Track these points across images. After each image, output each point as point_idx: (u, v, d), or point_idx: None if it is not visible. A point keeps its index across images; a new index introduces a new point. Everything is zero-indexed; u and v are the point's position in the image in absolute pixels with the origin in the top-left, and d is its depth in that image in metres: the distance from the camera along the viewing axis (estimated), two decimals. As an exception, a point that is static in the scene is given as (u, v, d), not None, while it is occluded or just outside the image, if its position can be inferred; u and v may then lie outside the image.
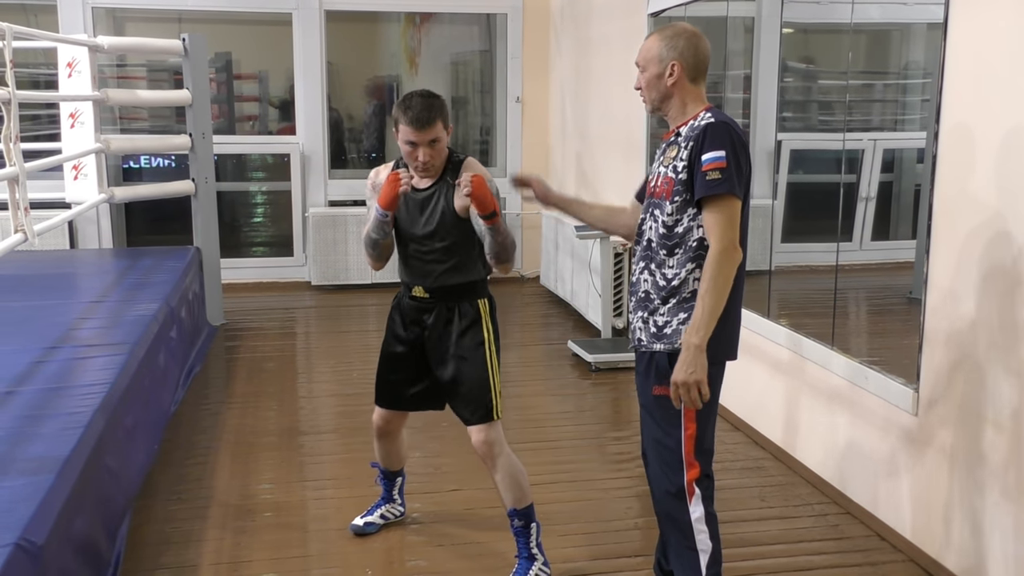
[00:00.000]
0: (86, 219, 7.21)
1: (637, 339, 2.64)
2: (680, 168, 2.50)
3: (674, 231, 2.52)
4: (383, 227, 2.99)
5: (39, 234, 3.79)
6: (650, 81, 2.58)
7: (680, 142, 2.53)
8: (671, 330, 2.54)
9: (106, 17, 7.54)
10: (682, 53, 2.54)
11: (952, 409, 3.09)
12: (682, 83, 2.55)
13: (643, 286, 2.61)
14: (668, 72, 2.53)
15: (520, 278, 8.00)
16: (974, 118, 2.95)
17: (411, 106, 2.85)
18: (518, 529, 3.08)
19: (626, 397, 5.15)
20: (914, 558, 3.28)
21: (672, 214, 2.52)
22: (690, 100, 2.57)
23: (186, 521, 3.55)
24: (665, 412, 2.57)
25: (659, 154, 2.64)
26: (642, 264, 2.63)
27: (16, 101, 3.55)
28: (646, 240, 2.61)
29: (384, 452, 3.41)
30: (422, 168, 2.93)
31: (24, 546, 2.21)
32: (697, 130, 2.49)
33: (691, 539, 2.58)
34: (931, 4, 3.21)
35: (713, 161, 2.42)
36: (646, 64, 2.58)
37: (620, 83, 6.19)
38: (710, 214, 2.44)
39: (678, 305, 2.54)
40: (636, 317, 2.65)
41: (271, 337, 6.32)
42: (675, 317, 2.54)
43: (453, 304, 3.06)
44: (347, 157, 8.67)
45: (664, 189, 2.54)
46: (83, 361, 3.67)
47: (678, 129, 2.57)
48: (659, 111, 2.63)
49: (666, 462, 2.60)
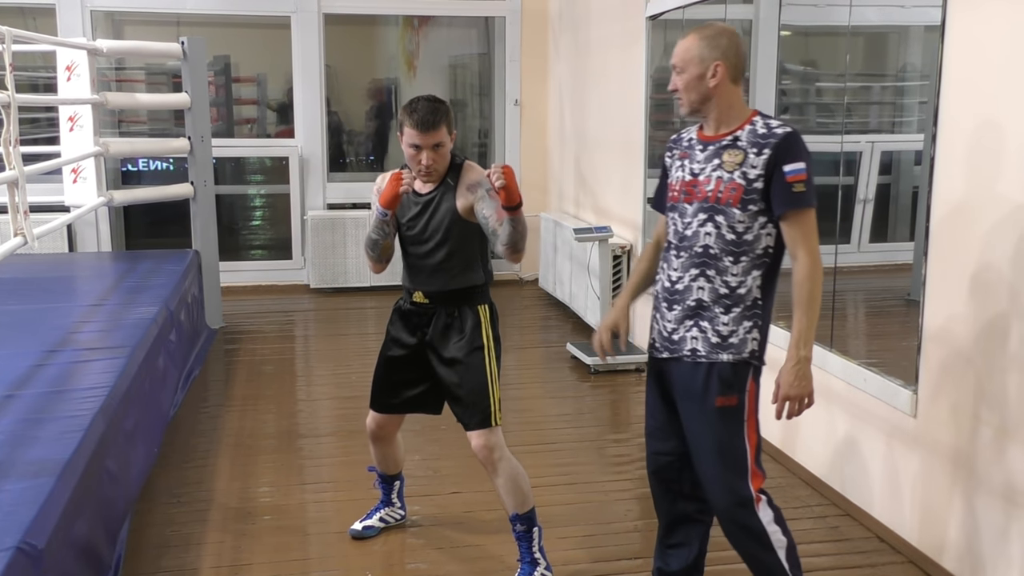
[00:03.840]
0: (85, 222, 7.21)
1: (689, 349, 2.54)
2: (753, 176, 2.43)
3: (743, 238, 2.47)
4: (383, 227, 2.99)
5: (38, 237, 3.78)
6: (689, 83, 2.49)
7: (744, 147, 2.46)
8: (737, 339, 2.49)
9: (105, 20, 7.55)
10: (725, 53, 2.46)
11: (951, 411, 3.09)
12: (725, 84, 2.47)
13: (695, 294, 2.52)
14: (711, 73, 2.45)
15: (519, 280, 8.01)
16: (972, 120, 2.96)
17: (416, 109, 2.86)
18: (520, 534, 3.08)
19: (625, 399, 5.16)
20: (913, 559, 3.28)
21: (743, 222, 2.45)
22: (735, 102, 2.51)
23: (186, 524, 3.55)
24: (728, 422, 2.51)
25: (700, 157, 2.54)
26: (694, 271, 2.52)
27: (16, 104, 3.55)
28: (700, 247, 2.51)
29: (380, 456, 3.40)
30: (425, 172, 2.93)
31: (25, 549, 2.21)
32: (771, 138, 2.43)
33: (768, 542, 2.54)
34: (928, 6, 3.22)
35: (797, 173, 2.39)
36: (685, 65, 2.49)
37: (618, 86, 6.20)
38: (796, 227, 2.41)
39: (742, 313, 2.49)
40: (680, 326, 2.55)
41: (270, 340, 6.32)
42: (740, 326, 2.49)
43: (453, 309, 3.06)
44: (346, 160, 8.68)
45: (732, 196, 2.45)
46: (83, 364, 3.67)
47: (734, 133, 2.49)
48: (698, 113, 2.54)
49: (732, 472, 2.53)
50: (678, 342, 2.56)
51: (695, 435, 2.59)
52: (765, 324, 2.54)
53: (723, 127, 2.51)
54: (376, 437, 3.33)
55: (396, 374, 3.19)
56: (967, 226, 2.99)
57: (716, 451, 2.55)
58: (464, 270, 3.03)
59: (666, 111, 5.95)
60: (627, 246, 6.04)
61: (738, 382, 2.50)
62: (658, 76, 5.78)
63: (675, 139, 2.71)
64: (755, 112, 2.52)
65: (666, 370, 2.64)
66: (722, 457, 2.54)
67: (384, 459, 3.42)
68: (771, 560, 2.56)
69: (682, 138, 2.67)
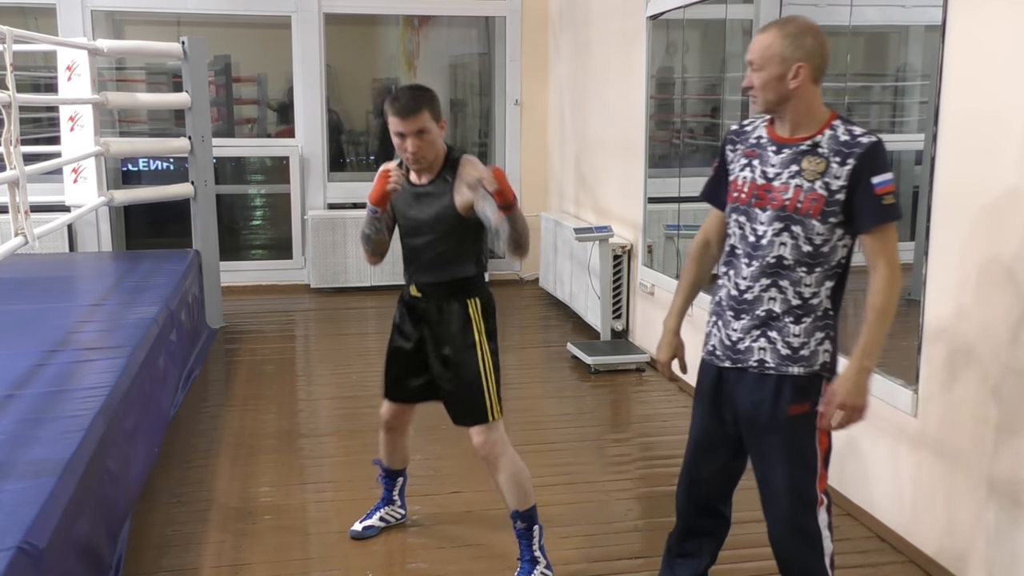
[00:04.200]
0: (86, 222, 7.21)
1: (756, 360, 2.45)
2: (836, 187, 2.32)
3: (820, 250, 2.37)
4: (374, 223, 3.03)
5: (39, 237, 3.79)
6: (768, 82, 2.34)
7: (825, 155, 2.33)
8: (808, 351, 2.41)
9: (105, 20, 7.54)
10: (809, 53, 2.32)
11: (951, 410, 3.09)
12: (806, 85, 2.33)
13: (766, 304, 2.43)
14: (792, 74, 2.31)
15: (519, 280, 8.01)
16: (972, 120, 2.96)
17: (398, 97, 2.88)
18: (520, 531, 3.08)
19: (625, 400, 5.16)
20: (913, 559, 3.28)
21: (822, 234, 2.35)
22: (816, 104, 2.37)
23: (186, 524, 3.55)
24: (803, 429, 2.45)
25: (774, 160, 2.41)
26: (766, 281, 2.42)
27: (16, 104, 3.55)
28: (774, 256, 2.40)
29: (390, 447, 3.41)
30: (412, 160, 2.92)
31: (26, 549, 2.21)
32: (856, 147, 2.31)
33: (820, 547, 2.51)
34: (929, 6, 3.22)
35: (886, 185, 2.29)
36: (764, 63, 2.34)
37: (619, 85, 6.20)
38: (882, 240, 2.32)
39: (813, 324, 2.41)
40: (747, 335, 2.46)
41: (270, 340, 6.33)
42: (811, 337, 2.41)
43: (442, 303, 3.06)
44: (346, 160, 8.68)
45: (812, 207, 2.33)
46: (83, 364, 3.67)
47: (812, 138, 2.36)
48: (773, 113, 2.41)
49: (801, 475, 2.48)
50: (744, 352, 2.47)
51: (763, 444, 2.51)
52: (836, 334, 2.46)
53: (800, 130, 2.38)
54: (390, 427, 3.34)
55: (401, 364, 3.21)
56: (967, 226, 2.99)
57: (787, 457, 2.48)
58: (453, 263, 3.02)
59: (667, 111, 5.95)
60: (627, 246, 6.04)
61: (812, 390, 2.44)
62: (659, 76, 5.79)
63: (738, 132, 2.56)
64: (834, 115, 2.38)
65: (726, 379, 2.54)
66: (792, 462, 2.47)
67: (393, 451, 3.42)
68: (818, 567, 2.52)
69: (747, 132, 2.52)
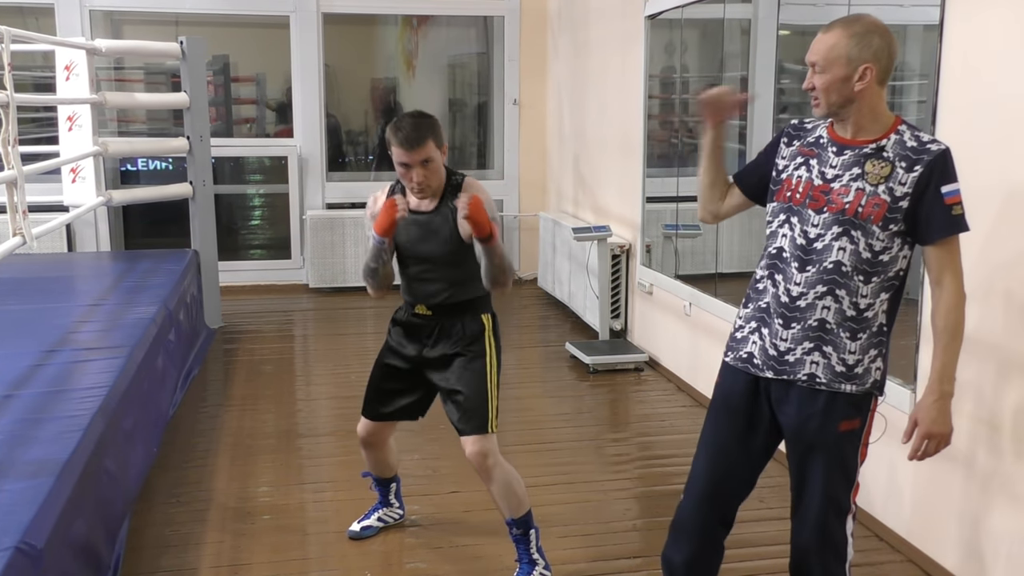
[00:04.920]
0: (84, 222, 7.20)
1: (807, 374, 2.34)
2: (900, 194, 2.22)
3: (879, 258, 2.27)
4: (380, 255, 2.95)
5: (37, 237, 3.78)
6: (831, 84, 2.24)
7: (892, 159, 2.24)
8: (862, 369, 2.33)
9: (103, 20, 7.54)
10: (876, 54, 2.22)
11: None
12: (872, 88, 2.23)
13: (819, 313, 2.31)
14: (859, 76, 2.21)
15: (518, 280, 8.00)
16: (970, 120, 2.96)
17: (401, 127, 2.85)
18: (517, 537, 3.08)
19: (624, 399, 5.16)
20: (912, 558, 3.28)
21: (883, 241, 2.25)
22: (880, 107, 2.28)
23: (185, 524, 3.55)
24: (851, 445, 2.39)
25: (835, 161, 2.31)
26: (821, 288, 2.30)
27: (14, 104, 3.55)
28: (831, 262, 2.29)
29: (373, 462, 3.40)
30: (418, 189, 2.91)
31: (24, 549, 2.21)
32: (924, 154, 2.22)
33: (844, 554, 2.46)
34: (927, 6, 3.22)
35: (955, 195, 2.21)
36: (828, 65, 2.24)
37: (617, 85, 6.20)
38: (949, 252, 2.24)
39: (868, 340, 2.32)
40: (799, 346, 2.34)
41: (269, 340, 6.32)
42: (866, 355, 2.32)
43: (456, 320, 3.05)
44: (345, 160, 8.68)
45: (874, 212, 2.23)
46: (82, 364, 3.67)
47: (877, 141, 2.27)
48: (836, 116, 2.31)
49: (840, 486, 2.42)
50: (793, 364, 2.35)
51: (807, 457, 2.42)
52: (887, 352, 2.39)
53: (864, 133, 2.29)
54: (367, 444, 3.31)
55: (391, 383, 3.17)
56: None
57: (830, 469, 2.40)
58: (466, 285, 3.00)
59: (666, 110, 5.96)
60: (626, 245, 6.04)
61: (863, 407, 2.37)
62: (658, 75, 5.78)
63: (799, 127, 2.47)
64: (899, 119, 2.29)
65: (766, 390, 2.44)
66: (835, 475, 2.40)
67: (377, 464, 3.41)
68: (839, 573, 2.47)
69: (807, 130, 2.44)
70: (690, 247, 5.58)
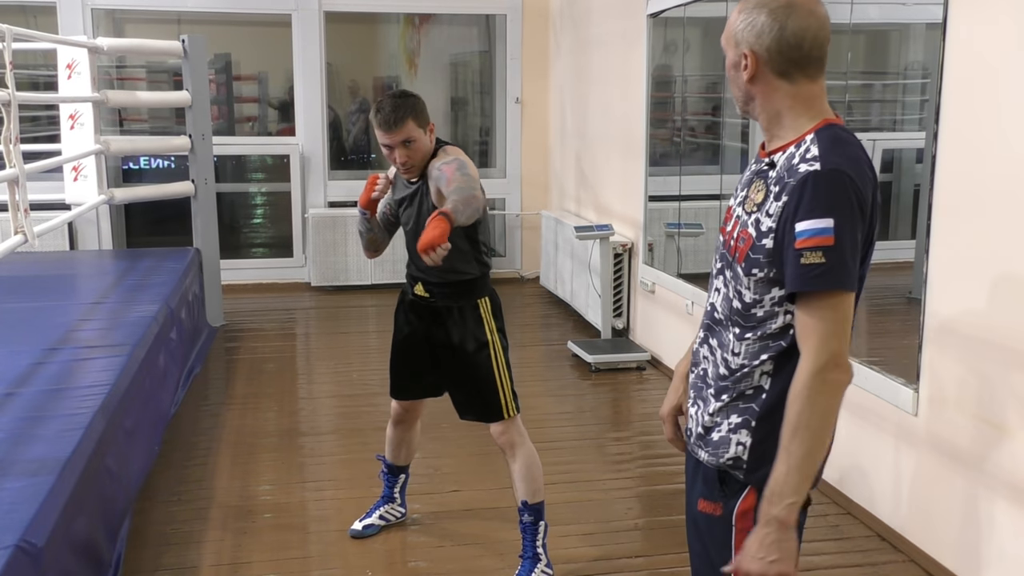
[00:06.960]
0: (86, 220, 7.20)
1: (687, 428, 1.93)
2: (765, 228, 1.66)
3: (751, 311, 1.73)
4: (365, 223, 3.14)
5: (39, 235, 3.79)
6: (729, 72, 1.77)
7: (770, 183, 1.68)
8: (718, 437, 1.79)
9: (106, 18, 7.54)
10: (759, 37, 1.67)
11: (951, 409, 3.09)
12: (764, 79, 1.69)
13: (702, 363, 1.86)
14: (743, 65, 1.71)
15: (520, 278, 8.00)
16: (973, 118, 2.96)
17: (381, 108, 2.91)
18: (527, 524, 3.09)
19: (626, 398, 5.16)
20: (914, 558, 3.28)
21: (750, 289, 1.71)
22: (785, 108, 1.70)
23: (186, 522, 3.55)
24: (710, 533, 1.84)
25: (746, 180, 1.80)
26: (703, 334, 1.87)
27: (16, 103, 3.55)
28: (708, 304, 1.85)
29: (397, 441, 3.42)
30: (403, 170, 2.99)
31: (25, 548, 2.21)
32: (794, 178, 1.63)
33: None
34: (930, 4, 3.21)
35: (810, 236, 1.58)
36: (725, 47, 1.76)
37: (619, 83, 6.19)
38: (806, 314, 1.63)
39: (732, 403, 1.77)
40: (690, 399, 1.91)
41: (271, 338, 6.32)
42: (725, 420, 1.78)
43: (452, 305, 3.07)
44: (347, 158, 8.68)
45: (739, 249, 1.73)
46: (83, 362, 3.67)
47: (773, 155, 1.72)
48: (748, 115, 1.80)
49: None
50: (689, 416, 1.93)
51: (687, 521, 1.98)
52: (767, 429, 1.73)
53: (775, 141, 1.74)
54: (399, 420, 3.37)
55: (409, 360, 3.23)
56: (968, 224, 2.99)
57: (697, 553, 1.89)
58: (456, 261, 3.00)
59: (667, 109, 5.95)
60: (628, 244, 6.03)
61: (726, 491, 1.80)
62: (658, 74, 5.78)
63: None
64: (824, 122, 1.69)
65: None
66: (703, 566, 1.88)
67: (399, 445, 3.44)
68: None
69: None
70: (692, 246, 5.57)
